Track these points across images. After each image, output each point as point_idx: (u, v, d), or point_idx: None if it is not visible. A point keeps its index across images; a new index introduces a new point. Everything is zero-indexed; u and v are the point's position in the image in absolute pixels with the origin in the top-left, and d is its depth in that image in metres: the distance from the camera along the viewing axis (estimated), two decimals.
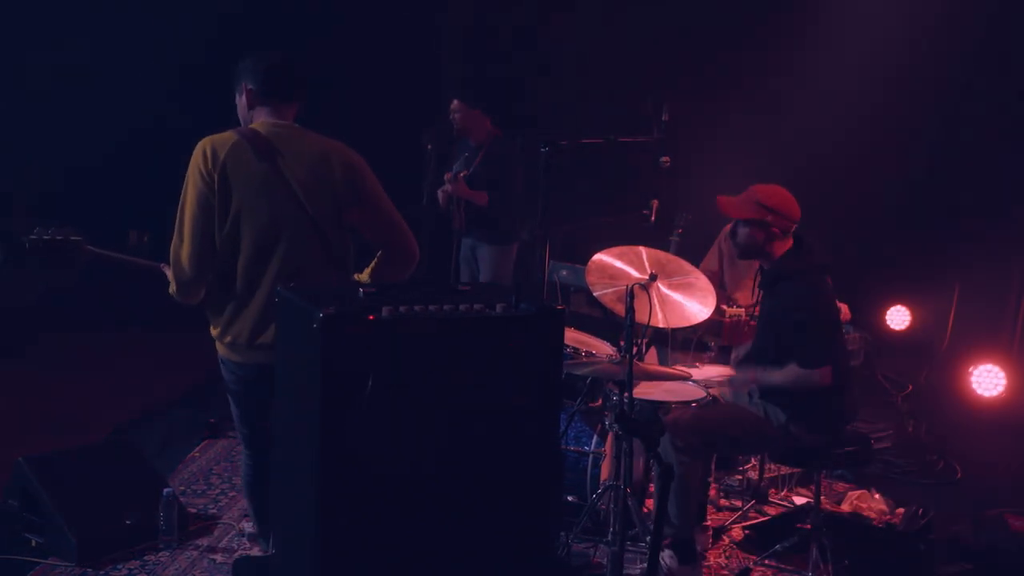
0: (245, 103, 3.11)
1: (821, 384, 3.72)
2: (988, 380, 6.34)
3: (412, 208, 4.71)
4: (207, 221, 2.94)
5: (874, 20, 7.24)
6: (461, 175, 5.77)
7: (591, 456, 4.19)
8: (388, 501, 2.32)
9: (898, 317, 7.73)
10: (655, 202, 4.65)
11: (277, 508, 2.76)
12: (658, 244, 4.56)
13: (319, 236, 3.01)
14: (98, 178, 7.96)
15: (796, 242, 3.88)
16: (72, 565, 3.70)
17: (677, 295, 4.22)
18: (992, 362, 6.38)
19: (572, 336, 4.55)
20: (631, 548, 4.01)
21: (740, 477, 4.76)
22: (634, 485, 4.18)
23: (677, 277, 4.28)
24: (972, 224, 7.04)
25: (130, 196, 7.64)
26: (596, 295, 4.13)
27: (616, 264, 4.25)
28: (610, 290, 4.11)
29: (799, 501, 4.76)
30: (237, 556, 3.85)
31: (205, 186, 2.92)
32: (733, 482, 4.80)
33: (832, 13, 7.34)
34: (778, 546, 4.09)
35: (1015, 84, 6.92)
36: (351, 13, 8.47)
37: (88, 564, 3.71)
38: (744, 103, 7.26)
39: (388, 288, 2.57)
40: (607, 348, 4.54)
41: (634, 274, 4.19)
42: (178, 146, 3.30)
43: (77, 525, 3.74)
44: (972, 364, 6.43)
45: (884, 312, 7.71)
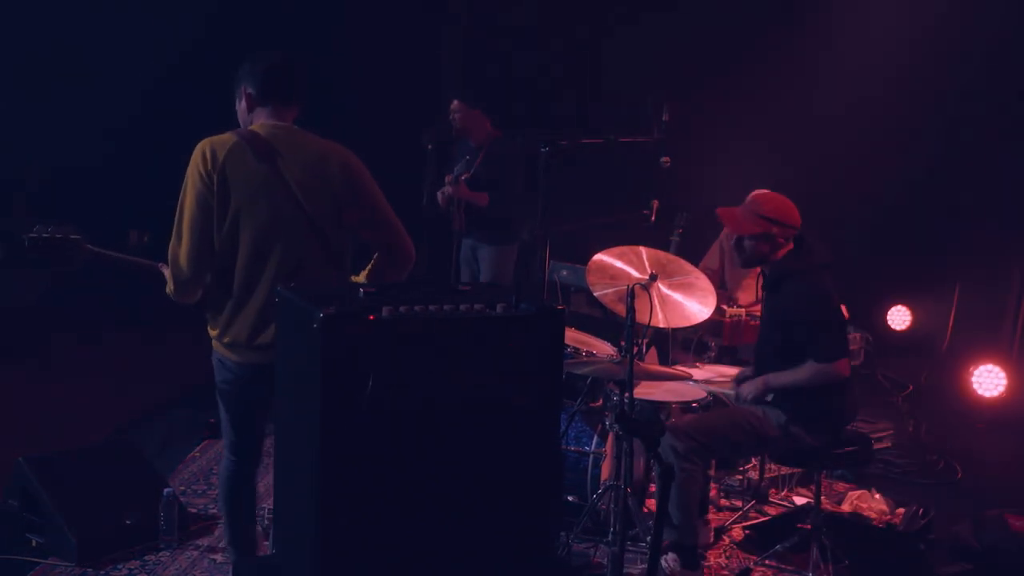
0: (245, 107, 3.10)
1: (842, 376, 3.75)
2: (988, 380, 6.35)
3: (412, 208, 4.71)
4: (206, 221, 2.94)
5: (874, 20, 7.25)
6: (462, 178, 5.76)
7: (591, 456, 4.18)
8: (388, 501, 2.31)
9: (898, 317, 7.74)
10: (655, 202, 4.65)
11: (277, 508, 2.76)
12: (658, 244, 4.55)
13: (317, 236, 3.01)
14: (98, 177, 7.97)
15: (797, 242, 3.88)
16: (72, 565, 3.70)
17: (677, 295, 4.22)
18: (992, 362, 6.38)
19: (572, 336, 4.55)
20: (631, 548, 4.01)
21: (740, 477, 4.76)
22: (634, 485, 4.18)
23: (677, 277, 4.28)
24: (972, 224, 7.04)
25: (130, 196, 7.66)
26: (596, 295, 4.13)
27: (616, 264, 4.25)
28: (610, 290, 4.11)
29: (799, 501, 4.75)
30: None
31: (204, 187, 2.92)
32: (733, 482, 4.79)
33: (832, 13, 7.35)
34: (778, 546, 4.09)
35: (1015, 84, 6.92)
36: (351, 13, 8.48)
37: (88, 564, 3.71)
38: (744, 103, 7.26)
39: (388, 288, 2.57)
40: (607, 348, 4.53)
41: (634, 274, 4.19)
42: (178, 146, 3.30)
43: (77, 525, 3.74)
44: (972, 364, 6.43)
45: (884, 312, 7.72)
